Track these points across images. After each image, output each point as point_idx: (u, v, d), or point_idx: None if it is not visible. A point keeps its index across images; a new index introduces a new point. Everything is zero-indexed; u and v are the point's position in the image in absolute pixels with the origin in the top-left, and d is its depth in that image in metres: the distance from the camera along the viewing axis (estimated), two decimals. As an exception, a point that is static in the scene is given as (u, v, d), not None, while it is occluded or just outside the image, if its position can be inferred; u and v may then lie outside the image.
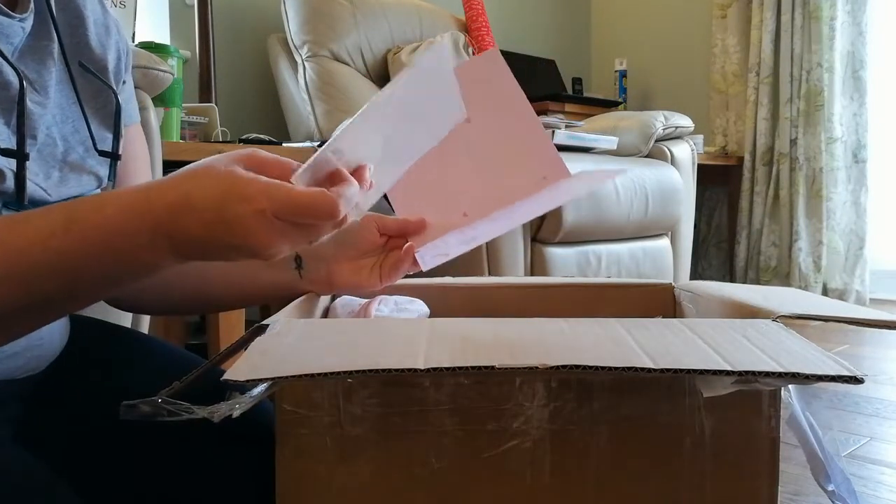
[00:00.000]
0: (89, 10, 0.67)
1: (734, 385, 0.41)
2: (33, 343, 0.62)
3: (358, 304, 0.70)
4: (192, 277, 0.71)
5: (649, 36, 3.73)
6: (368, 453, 0.45)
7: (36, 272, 0.46)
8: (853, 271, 3.07)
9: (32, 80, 0.58)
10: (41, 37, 0.61)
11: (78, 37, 0.65)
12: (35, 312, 0.49)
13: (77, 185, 0.62)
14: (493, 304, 0.77)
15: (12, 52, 0.57)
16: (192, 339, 1.97)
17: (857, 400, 1.70)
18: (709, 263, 3.53)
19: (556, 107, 3.01)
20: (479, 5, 2.76)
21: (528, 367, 0.39)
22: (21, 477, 0.52)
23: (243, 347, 0.44)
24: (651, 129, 2.37)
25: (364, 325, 0.51)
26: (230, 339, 1.51)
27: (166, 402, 0.39)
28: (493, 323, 0.49)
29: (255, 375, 0.38)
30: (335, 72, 2.39)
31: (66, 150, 0.62)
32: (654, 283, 0.79)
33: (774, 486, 0.46)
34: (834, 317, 0.52)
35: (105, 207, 0.47)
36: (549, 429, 0.45)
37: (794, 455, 1.10)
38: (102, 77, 0.67)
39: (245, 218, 0.45)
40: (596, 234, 2.07)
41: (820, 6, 3.06)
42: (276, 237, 0.46)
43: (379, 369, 0.39)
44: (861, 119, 3.07)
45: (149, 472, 0.62)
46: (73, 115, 0.63)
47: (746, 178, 3.30)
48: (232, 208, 0.45)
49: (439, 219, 0.66)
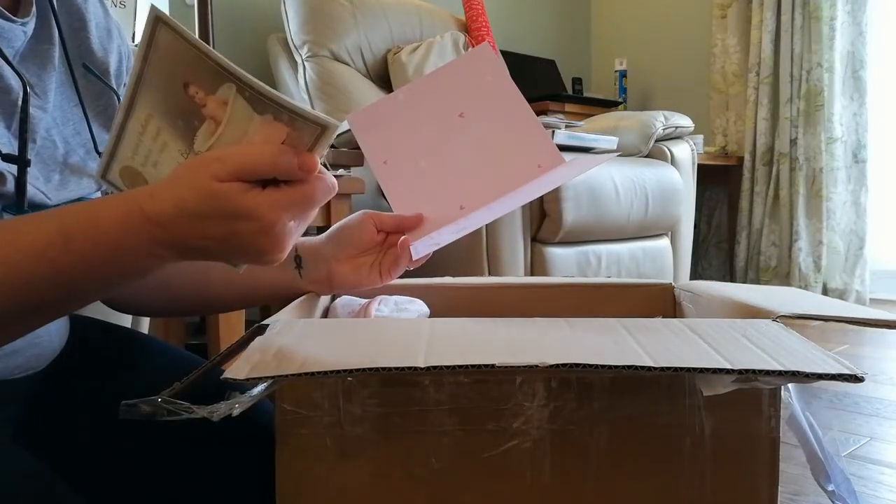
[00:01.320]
0: (91, 14, 0.67)
1: (734, 384, 0.41)
2: (32, 342, 0.62)
3: (358, 304, 0.70)
4: (193, 278, 0.71)
5: (649, 36, 3.73)
6: (368, 453, 0.45)
7: (32, 281, 0.46)
8: (853, 271, 3.07)
9: (33, 83, 0.59)
10: (43, 40, 0.61)
11: (80, 39, 0.66)
12: (32, 316, 0.49)
13: (77, 189, 0.62)
14: (493, 304, 0.77)
15: (13, 55, 0.57)
16: (192, 339, 1.97)
17: (857, 400, 1.70)
18: (709, 263, 3.53)
19: (556, 107, 3.01)
20: (479, 5, 2.76)
21: (528, 365, 0.39)
22: (21, 477, 0.52)
23: (243, 347, 0.44)
24: (651, 129, 2.37)
25: (364, 324, 0.51)
26: (230, 339, 1.51)
27: (166, 401, 0.39)
28: (493, 323, 0.49)
29: (254, 374, 0.38)
30: (335, 72, 2.39)
31: (66, 153, 0.62)
32: (654, 283, 0.79)
33: (774, 486, 0.46)
34: (834, 316, 0.52)
35: (99, 221, 0.47)
36: (549, 429, 0.45)
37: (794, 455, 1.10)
38: (105, 79, 0.67)
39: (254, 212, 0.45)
40: (596, 234, 2.07)
41: (820, 6, 3.06)
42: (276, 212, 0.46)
43: (379, 368, 0.39)
44: (861, 119, 3.07)
45: (149, 472, 0.63)
46: (75, 118, 0.63)
47: (746, 178, 3.30)
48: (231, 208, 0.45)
49: (436, 213, 0.66)
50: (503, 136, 0.66)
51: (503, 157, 0.66)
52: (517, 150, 0.66)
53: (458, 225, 0.66)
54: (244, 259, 0.49)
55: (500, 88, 0.67)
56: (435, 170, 0.67)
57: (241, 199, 0.45)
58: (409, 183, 0.67)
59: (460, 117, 0.67)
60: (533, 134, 0.66)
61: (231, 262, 0.50)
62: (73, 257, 0.46)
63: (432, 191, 0.67)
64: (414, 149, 0.68)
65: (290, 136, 0.47)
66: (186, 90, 0.48)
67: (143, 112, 0.51)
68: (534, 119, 0.66)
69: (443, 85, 0.68)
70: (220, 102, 0.47)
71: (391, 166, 0.68)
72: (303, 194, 0.47)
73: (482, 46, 0.68)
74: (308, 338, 0.45)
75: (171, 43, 0.48)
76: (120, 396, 0.40)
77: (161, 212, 0.46)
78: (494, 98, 0.67)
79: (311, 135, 0.46)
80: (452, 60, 0.68)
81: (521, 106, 0.66)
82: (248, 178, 0.46)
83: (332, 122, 0.46)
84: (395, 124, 0.68)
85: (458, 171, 0.67)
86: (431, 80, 0.68)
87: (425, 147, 0.67)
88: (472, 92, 0.67)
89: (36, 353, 0.63)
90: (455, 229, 0.66)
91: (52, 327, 0.65)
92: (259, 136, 0.47)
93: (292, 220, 0.47)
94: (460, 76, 0.68)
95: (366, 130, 0.68)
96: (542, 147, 0.66)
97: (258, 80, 0.46)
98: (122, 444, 0.62)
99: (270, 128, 0.47)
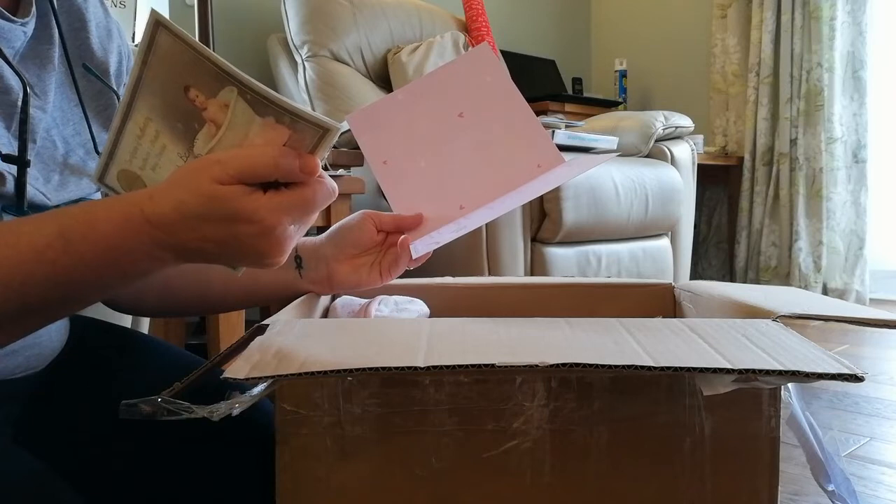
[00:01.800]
0: (91, 14, 0.67)
1: (734, 383, 0.41)
2: (32, 342, 0.62)
3: (358, 304, 0.70)
4: (193, 279, 0.71)
5: (649, 36, 3.73)
6: (368, 453, 0.45)
7: (32, 282, 0.46)
8: (853, 271, 3.07)
9: (33, 83, 0.59)
10: (42, 40, 0.61)
11: (80, 40, 0.66)
12: (31, 317, 0.49)
13: (77, 189, 0.62)
14: (493, 304, 0.77)
15: (13, 55, 0.57)
16: (192, 339, 1.97)
17: (857, 400, 1.70)
18: (709, 263, 3.53)
19: (556, 107, 3.01)
20: (479, 5, 2.76)
21: (528, 365, 0.39)
22: (20, 478, 0.52)
23: (243, 347, 0.44)
24: (651, 129, 2.37)
25: (364, 324, 0.51)
26: (230, 339, 1.51)
27: (166, 401, 0.39)
28: (492, 323, 0.49)
29: (254, 374, 0.38)
30: (335, 72, 2.39)
31: (66, 153, 0.62)
32: (654, 283, 0.79)
33: (774, 486, 0.46)
34: (834, 316, 0.52)
35: (98, 223, 0.47)
36: (549, 429, 0.45)
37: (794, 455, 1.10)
38: (105, 79, 0.67)
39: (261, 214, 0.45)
40: (596, 234, 2.07)
41: (820, 6, 3.06)
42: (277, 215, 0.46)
43: (379, 367, 0.39)
44: (861, 119, 3.07)
45: (148, 472, 0.62)
46: (74, 118, 0.63)
47: (746, 178, 3.30)
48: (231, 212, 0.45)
49: (436, 213, 0.66)
50: (503, 135, 0.66)
51: (503, 156, 0.66)
52: (517, 149, 0.66)
53: (458, 224, 0.66)
54: (244, 262, 0.49)
55: (499, 88, 0.67)
56: (435, 169, 0.67)
57: (242, 202, 0.45)
58: (409, 183, 0.68)
59: (460, 117, 0.67)
60: (533, 134, 0.66)
61: (231, 264, 0.50)
62: (72, 259, 0.46)
63: (432, 190, 0.67)
64: (414, 149, 0.68)
65: (292, 139, 0.47)
66: (187, 93, 0.48)
67: (142, 115, 0.51)
68: (533, 119, 0.66)
69: (442, 85, 0.68)
70: (222, 105, 0.47)
71: (391, 166, 0.68)
72: (303, 198, 0.47)
73: (481, 46, 0.68)
74: (308, 338, 0.45)
75: (171, 46, 0.48)
76: (120, 396, 0.40)
77: (161, 214, 0.46)
78: (494, 98, 0.67)
79: (313, 137, 0.46)
80: (452, 60, 0.68)
81: (520, 106, 0.67)
82: (249, 181, 0.46)
83: (334, 125, 0.46)
84: (394, 124, 0.68)
85: (457, 170, 0.67)
86: (431, 79, 0.68)
87: (425, 147, 0.67)
88: (471, 92, 0.67)
89: (36, 352, 0.63)
90: (455, 228, 0.66)
91: (52, 327, 0.65)
92: (260, 139, 0.47)
93: (293, 223, 0.48)
94: (460, 76, 0.68)
95: (365, 130, 0.68)
96: (542, 147, 0.66)
97: (259, 82, 0.46)
98: (121, 444, 0.62)
99: (272, 130, 0.47)
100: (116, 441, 0.62)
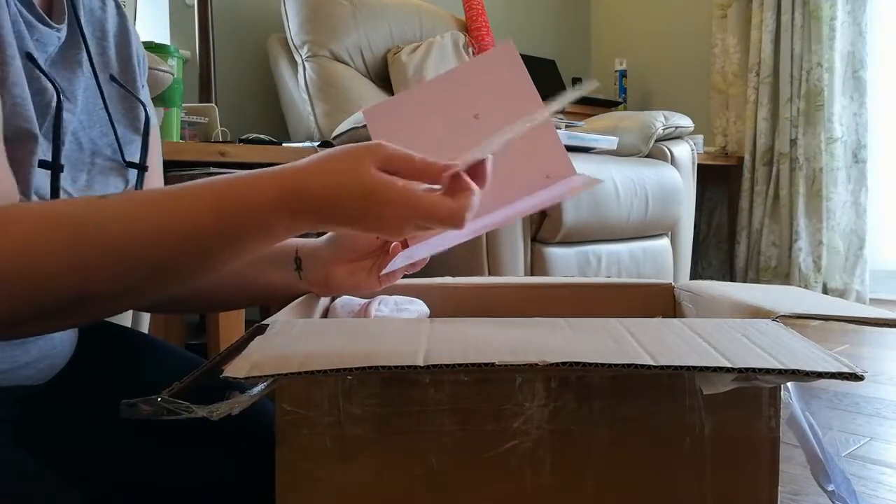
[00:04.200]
0: (110, 24, 0.69)
1: (734, 382, 0.41)
2: (47, 353, 0.62)
3: (358, 304, 0.70)
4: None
5: (649, 36, 3.73)
6: (368, 453, 0.45)
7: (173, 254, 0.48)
8: (853, 271, 3.07)
9: (63, 87, 0.59)
10: (72, 45, 0.62)
11: (102, 48, 0.67)
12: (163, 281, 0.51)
13: (102, 189, 0.64)
14: (493, 304, 0.77)
15: (46, 59, 0.58)
16: (192, 339, 1.97)
17: (857, 400, 1.70)
18: (709, 263, 3.53)
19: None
20: (479, 5, 2.76)
21: (528, 363, 0.39)
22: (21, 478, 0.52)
23: (243, 347, 0.44)
24: (651, 129, 2.37)
25: (364, 324, 0.51)
26: (230, 339, 1.51)
27: (166, 401, 0.39)
28: (492, 323, 0.49)
29: (254, 373, 0.38)
30: (335, 72, 2.39)
31: (93, 154, 0.63)
32: (654, 283, 0.79)
33: (774, 486, 0.46)
34: (834, 316, 0.52)
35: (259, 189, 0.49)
36: (549, 429, 0.45)
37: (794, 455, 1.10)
38: (130, 89, 0.69)
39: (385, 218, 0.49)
40: (596, 234, 2.07)
41: (820, 6, 3.06)
42: (408, 230, 0.51)
43: (379, 366, 0.39)
44: (861, 119, 3.07)
45: (148, 472, 0.62)
46: (101, 120, 0.65)
47: (746, 178, 3.30)
48: (375, 209, 0.48)
49: None
50: (516, 140, 0.66)
51: (514, 164, 0.65)
52: (530, 158, 0.65)
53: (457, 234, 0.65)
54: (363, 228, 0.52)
55: (518, 91, 0.65)
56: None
57: (394, 188, 0.48)
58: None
59: (475, 118, 0.66)
60: (547, 141, 0.65)
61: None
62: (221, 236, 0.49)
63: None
64: (424, 148, 0.67)
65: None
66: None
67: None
68: (551, 127, 0.65)
69: (461, 83, 0.66)
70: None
71: None
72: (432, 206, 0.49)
73: (505, 45, 0.66)
74: (308, 337, 0.45)
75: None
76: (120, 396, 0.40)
77: (318, 193, 0.48)
78: (512, 100, 0.65)
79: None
80: (473, 58, 0.67)
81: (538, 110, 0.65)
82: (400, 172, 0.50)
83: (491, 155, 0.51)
84: (408, 121, 0.67)
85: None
86: (450, 77, 0.67)
87: (436, 147, 0.67)
88: (489, 92, 0.66)
89: (49, 363, 0.63)
90: (455, 235, 0.66)
91: (65, 337, 0.65)
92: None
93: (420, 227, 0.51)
94: (480, 75, 0.66)
95: (379, 125, 0.67)
96: (555, 155, 0.64)
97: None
98: (121, 444, 0.62)
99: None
100: (116, 441, 0.62)
